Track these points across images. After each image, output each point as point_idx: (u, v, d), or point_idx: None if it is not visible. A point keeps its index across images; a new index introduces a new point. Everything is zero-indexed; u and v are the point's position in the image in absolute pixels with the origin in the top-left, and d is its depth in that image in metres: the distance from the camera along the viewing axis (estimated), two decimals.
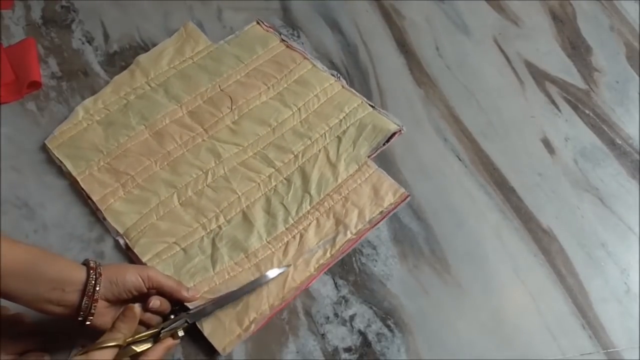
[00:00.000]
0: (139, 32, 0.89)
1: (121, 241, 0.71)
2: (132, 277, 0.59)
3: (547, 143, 0.81)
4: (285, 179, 0.75)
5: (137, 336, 0.58)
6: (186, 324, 0.62)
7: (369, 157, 0.77)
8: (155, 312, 0.61)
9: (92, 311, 0.56)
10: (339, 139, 0.78)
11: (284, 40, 0.88)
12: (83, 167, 0.76)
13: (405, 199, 0.74)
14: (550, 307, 0.68)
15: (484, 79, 0.87)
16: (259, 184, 0.75)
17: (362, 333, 0.66)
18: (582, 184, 0.78)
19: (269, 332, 0.65)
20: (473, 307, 0.68)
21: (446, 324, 0.66)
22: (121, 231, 0.71)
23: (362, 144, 0.78)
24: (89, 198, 0.74)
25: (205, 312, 0.64)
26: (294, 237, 0.71)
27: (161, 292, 0.62)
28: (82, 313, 0.56)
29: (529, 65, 0.89)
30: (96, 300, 0.56)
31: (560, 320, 0.67)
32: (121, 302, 0.60)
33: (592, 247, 0.72)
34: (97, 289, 0.56)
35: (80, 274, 0.57)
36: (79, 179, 0.75)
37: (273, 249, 0.70)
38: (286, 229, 0.72)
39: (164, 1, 0.93)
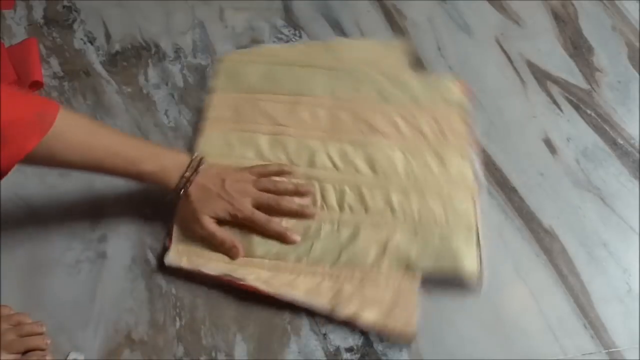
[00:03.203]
0: (141, 32, 0.90)
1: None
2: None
3: (548, 143, 0.81)
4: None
5: None
6: None
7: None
8: None
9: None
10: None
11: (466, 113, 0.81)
12: (229, 92, 0.80)
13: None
14: (552, 306, 0.68)
15: (486, 79, 0.87)
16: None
17: (363, 333, 0.66)
18: (583, 184, 0.78)
19: (271, 332, 0.65)
20: (475, 307, 0.68)
21: (448, 324, 0.66)
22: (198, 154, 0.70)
23: (425, 256, 0.68)
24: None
25: None
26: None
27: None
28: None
29: (531, 65, 0.89)
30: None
31: (561, 320, 0.67)
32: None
33: (594, 247, 0.72)
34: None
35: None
36: (214, 97, 0.80)
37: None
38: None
39: (166, 1, 0.93)
